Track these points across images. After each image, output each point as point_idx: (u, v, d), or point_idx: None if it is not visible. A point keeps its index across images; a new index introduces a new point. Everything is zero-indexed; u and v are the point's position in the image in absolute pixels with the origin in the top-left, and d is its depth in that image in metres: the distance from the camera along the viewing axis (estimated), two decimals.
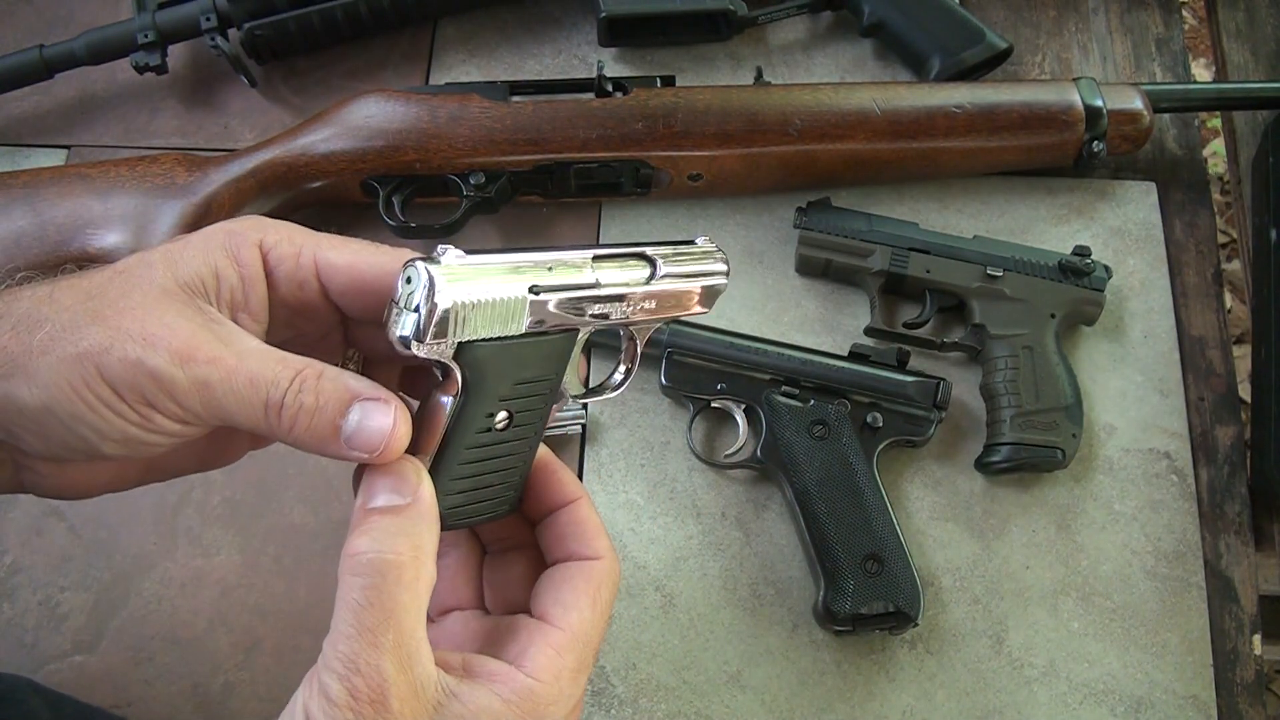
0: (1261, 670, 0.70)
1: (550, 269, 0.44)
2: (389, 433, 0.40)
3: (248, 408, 0.39)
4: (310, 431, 0.40)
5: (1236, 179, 0.89)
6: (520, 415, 0.45)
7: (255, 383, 0.39)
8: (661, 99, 0.76)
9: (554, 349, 0.45)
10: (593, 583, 0.44)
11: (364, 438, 0.40)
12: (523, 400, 0.44)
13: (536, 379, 0.45)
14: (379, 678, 0.37)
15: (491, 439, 0.44)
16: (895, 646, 0.70)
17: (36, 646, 0.69)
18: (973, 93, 0.78)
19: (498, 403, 0.44)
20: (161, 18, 0.81)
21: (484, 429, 0.44)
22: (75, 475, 0.44)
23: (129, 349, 0.38)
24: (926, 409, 0.72)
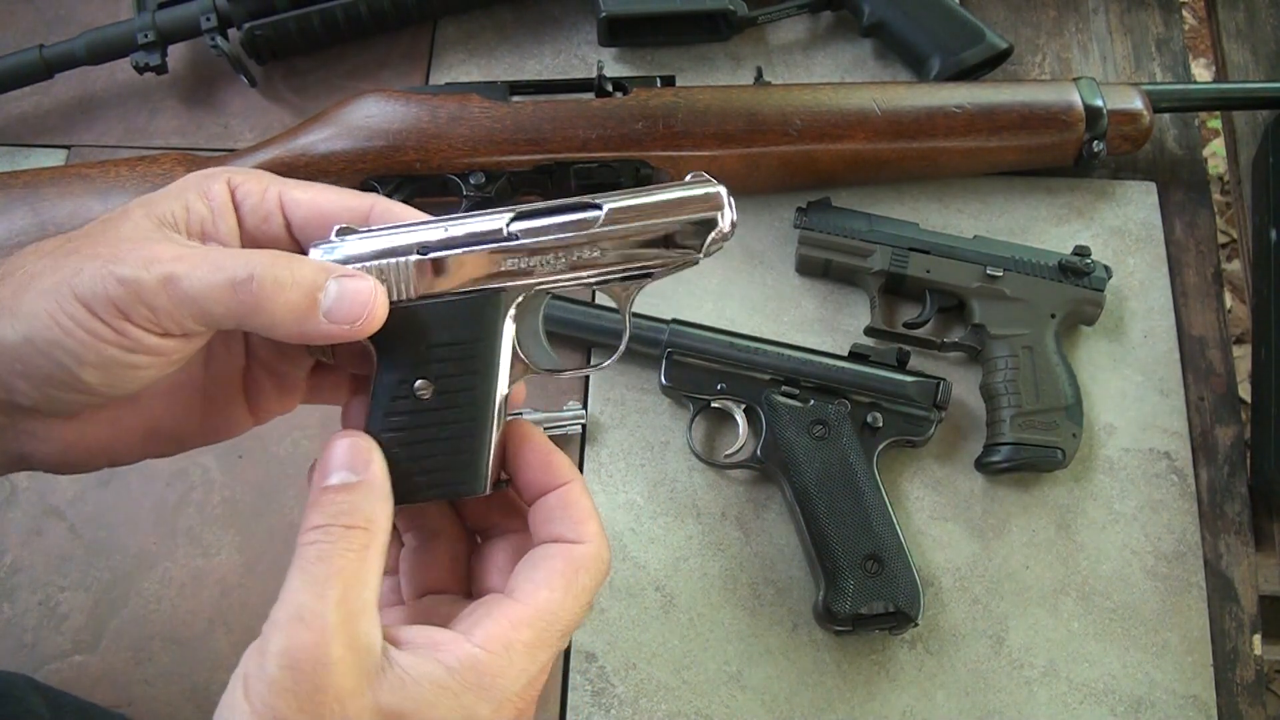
0: (1261, 670, 0.70)
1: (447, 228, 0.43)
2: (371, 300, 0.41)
3: (216, 291, 0.39)
4: (287, 307, 0.40)
5: (1236, 179, 0.89)
6: (447, 382, 0.43)
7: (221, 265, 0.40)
8: (661, 99, 0.76)
9: (469, 310, 0.43)
10: (570, 564, 0.43)
11: (345, 307, 0.40)
12: (445, 365, 0.43)
13: (455, 343, 0.43)
14: (321, 627, 0.36)
15: (415, 406, 0.43)
16: (895, 646, 0.70)
17: (36, 646, 0.69)
18: (973, 93, 0.78)
19: (411, 369, 0.43)
20: (161, 18, 0.81)
21: (402, 396, 0.43)
22: (70, 436, 0.43)
23: (99, 266, 0.39)
24: (926, 409, 0.72)
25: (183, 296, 0.39)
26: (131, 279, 0.39)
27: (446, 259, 0.43)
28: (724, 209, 0.44)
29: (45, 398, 0.41)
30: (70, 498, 0.73)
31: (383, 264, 0.42)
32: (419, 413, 0.43)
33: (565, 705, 0.68)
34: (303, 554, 0.39)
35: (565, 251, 0.43)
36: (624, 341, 0.48)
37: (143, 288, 0.39)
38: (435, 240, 0.43)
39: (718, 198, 0.44)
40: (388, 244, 0.43)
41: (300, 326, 0.40)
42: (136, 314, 0.39)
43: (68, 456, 0.44)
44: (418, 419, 0.43)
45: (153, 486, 0.74)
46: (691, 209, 0.44)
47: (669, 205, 0.44)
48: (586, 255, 0.43)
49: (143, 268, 0.39)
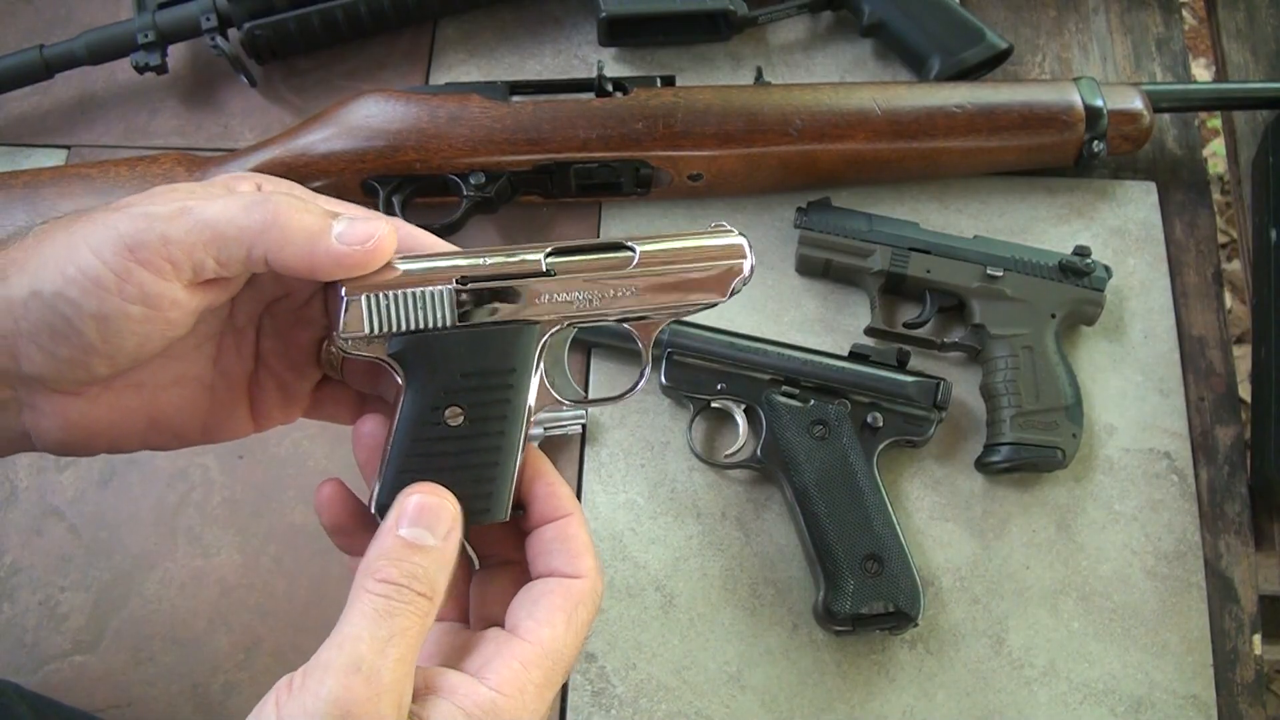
0: (1261, 670, 0.70)
1: (488, 260, 0.44)
2: (381, 228, 0.42)
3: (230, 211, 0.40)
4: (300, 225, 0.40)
5: (1236, 179, 0.89)
6: (478, 411, 0.44)
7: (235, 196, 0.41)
8: (661, 99, 0.76)
9: (504, 341, 0.45)
10: (570, 600, 0.44)
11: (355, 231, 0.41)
12: (476, 395, 0.44)
13: (487, 372, 0.44)
14: (378, 683, 0.37)
15: (443, 434, 0.44)
16: (895, 646, 0.70)
17: (36, 646, 0.69)
18: (973, 93, 0.78)
19: (443, 396, 0.44)
20: (161, 18, 0.81)
21: (432, 423, 0.44)
22: (73, 414, 0.43)
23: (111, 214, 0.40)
24: (926, 409, 0.72)
25: (195, 221, 0.39)
26: (144, 212, 0.39)
27: (485, 289, 0.44)
28: (747, 258, 0.47)
29: (50, 361, 0.40)
30: (70, 498, 0.73)
31: (422, 291, 0.43)
32: (448, 440, 0.44)
33: (565, 705, 0.68)
34: (369, 602, 0.39)
35: (598, 289, 0.45)
36: (644, 374, 0.49)
37: (157, 217, 0.39)
38: (475, 271, 0.44)
39: (741, 248, 0.47)
40: (428, 271, 0.44)
41: (311, 246, 0.41)
42: (147, 248, 0.39)
43: (69, 436, 0.44)
44: (446, 445, 0.44)
45: (153, 486, 0.74)
46: (718, 257, 0.46)
47: (698, 253, 0.46)
48: (617, 294, 0.45)
49: (159, 203, 0.40)
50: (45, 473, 0.74)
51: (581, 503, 0.73)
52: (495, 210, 0.78)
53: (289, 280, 0.45)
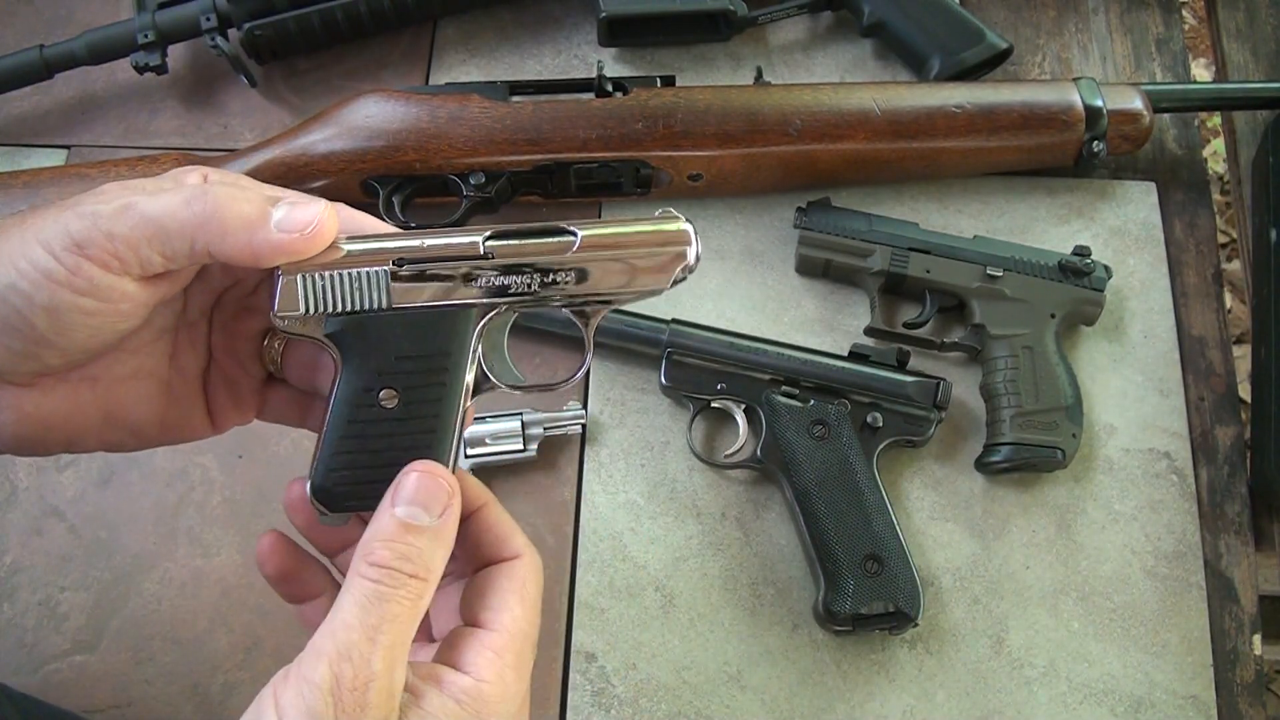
0: (1261, 670, 0.70)
1: (427, 242, 0.44)
2: (320, 213, 0.43)
3: (172, 206, 0.40)
4: (239, 216, 0.41)
5: (1236, 179, 0.89)
6: (412, 394, 0.44)
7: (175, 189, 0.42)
8: (661, 99, 0.76)
9: (440, 324, 0.44)
10: (516, 580, 0.45)
11: (295, 217, 0.42)
12: (411, 377, 0.44)
13: (422, 355, 0.44)
14: (367, 670, 0.38)
15: (378, 415, 0.44)
16: (895, 646, 0.70)
17: (36, 646, 0.69)
18: (973, 93, 0.78)
19: (377, 378, 0.44)
20: (161, 18, 0.81)
21: (367, 404, 0.44)
22: (28, 407, 0.43)
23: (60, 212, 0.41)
24: (926, 409, 0.72)
25: (139, 218, 0.40)
26: (91, 210, 0.40)
27: (423, 271, 0.44)
28: (691, 245, 0.46)
29: (4, 353, 0.41)
30: (70, 498, 0.73)
31: (358, 272, 0.44)
32: (382, 421, 0.44)
33: (565, 705, 0.68)
34: (360, 587, 0.40)
35: (539, 274, 0.45)
36: (586, 363, 0.49)
37: (101, 216, 0.40)
38: (412, 253, 0.44)
39: (686, 235, 0.46)
40: (365, 253, 0.44)
41: (250, 236, 0.41)
42: (94, 245, 0.40)
43: (24, 429, 0.44)
44: (380, 428, 0.44)
45: (153, 486, 0.74)
46: (663, 243, 0.45)
47: (642, 238, 0.45)
48: (557, 278, 0.45)
49: (102, 201, 0.41)
50: (45, 473, 0.74)
51: (581, 503, 0.73)
52: (495, 210, 0.78)
53: (236, 269, 0.45)
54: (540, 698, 0.68)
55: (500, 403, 0.75)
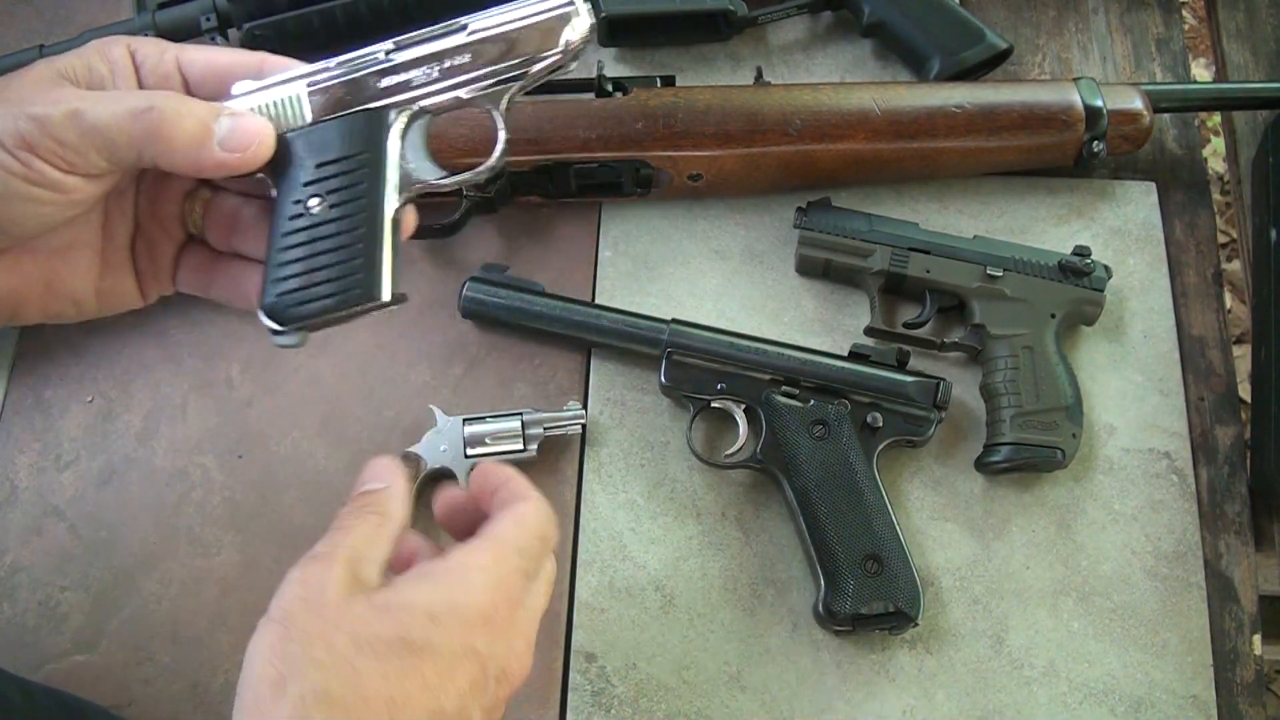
0: (1261, 670, 0.70)
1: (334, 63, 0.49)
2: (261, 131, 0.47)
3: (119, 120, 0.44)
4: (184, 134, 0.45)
5: (1236, 179, 0.89)
6: (338, 195, 0.48)
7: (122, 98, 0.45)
8: (661, 99, 0.76)
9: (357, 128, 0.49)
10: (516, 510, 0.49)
11: (237, 137, 0.46)
12: (335, 180, 0.48)
13: (344, 158, 0.48)
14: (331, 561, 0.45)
15: (310, 222, 0.48)
16: (895, 646, 0.70)
17: (36, 646, 0.69)
18: (973, 93, 0.78)
19: (303, 188, 0.48)
20: (161, 18, 0.81)
21: (297, 215, 0.48)
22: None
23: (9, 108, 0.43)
24: (926, 409, 0.72)
25: (88, 127, 0.43)
26: (40, 115, 0.43)
27: (333, 84, 0.49)
28: (579, 10, 0.49)
29: None
30: (70, 497, 0.73)
31: (277, 100, 0.48)
32: (315, 226, 0.48)
33: (565, 705, 0.68)
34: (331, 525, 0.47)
35: (438, 63, 0.49)
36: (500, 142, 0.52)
37: (50, 122, 0.43)
38: (322, 74, 0.49)
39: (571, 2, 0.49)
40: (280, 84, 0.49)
41: (196, 153, 0.45)
42: (43, 148, 0.43)
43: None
44: (314, 232, 0.48)
45: (153, 486, 0.74)
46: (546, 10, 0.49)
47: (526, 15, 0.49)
48: (458, 63, 0.49)
49: (50, 105, 0.43)
50: (45, 472, 0.74)
51: (581, 503, 0.73)
52: (495, 210, 0.78)
53: None
54: (540, 698, 0.68)
55: (500, 403, 0.75)
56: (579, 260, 0.81)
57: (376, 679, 0.42)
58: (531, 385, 0.77)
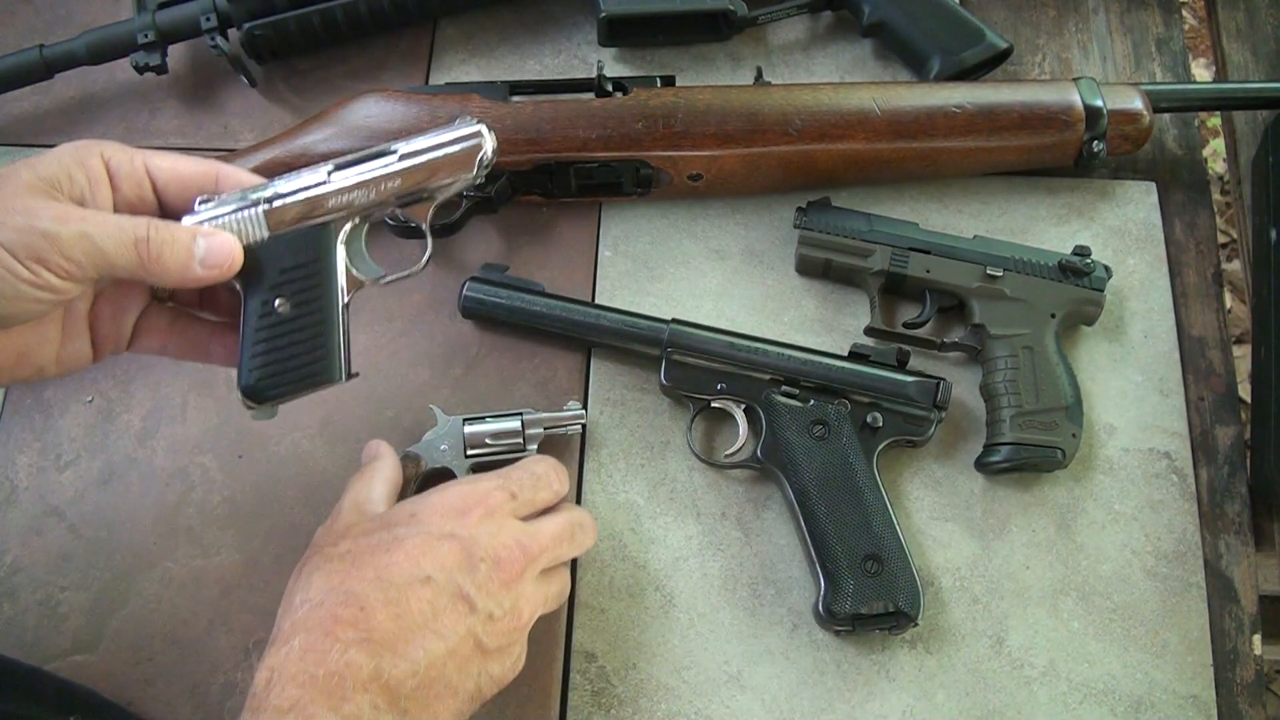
0: (1261, 670, 0.70)
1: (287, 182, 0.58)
2: (232, 248, 0.56)
3: (121, 247, 0.51)
4: (173, 258, 0.53)
5: (1236, 179, 0.89)
6: (299, 297, 0.57)
7: (123, 227, 0.52)
8: (661, 99, 0.76)
9: (309, 240, 0.58)
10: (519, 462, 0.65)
11: (214, 255, 0.55)
12: (295, 285, 0.57)
13: (299, 265, 0.57)
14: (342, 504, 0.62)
15: (277, 320, 0.57)
16: (895, 646, 0.70)
17: (36, 646, 0.69)
18: (973, 93, 0.78)
19: (271, 291, 0.57)
20: (161, 18, 0.81)
21: (266, 314, 0.57)
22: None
23: (18, 220, 0.49)
24: (926, 409, 0.72)
25: (94, 249, 0.51)
26: (52, 233, 0.50)
27: (286, 204, 0.57)
28: (485, 138, 0.59)
29: None
30: (70, 497, 0.73)
31: (239, 217, 0.57)
32: (281, 324, 0.57)
33: (565, 705, 0.68)
34: None
35: (373, 185, 0.58)
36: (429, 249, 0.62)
37: (61, 241, 0.50)
38: (276, 194, 0.57)
39: (480, 132, 0.59)
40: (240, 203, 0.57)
41: (182, 274, 0.54)
42: (52, 262, 0.50)
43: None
44: (281, 328, 0.57)
45: (153, 486, 0.74)
46: (461, 142, 0.59)
47: (445, 142, 0.59)
48: (389, 187, 0.58)
49: (60, 224, 0.50)
50: (45, 472, 0.74)
51: (582, 503, 0.73)
52: (495, 210, 0.78)
53: None
54: (540, 698, 0.68)
55: (501, 403, 0.75)
56: (579, 260, 0.81)
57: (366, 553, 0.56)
58: (532, 385, 0.77)
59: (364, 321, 0.75)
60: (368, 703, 0.50)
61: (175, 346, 0.61)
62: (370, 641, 0.52)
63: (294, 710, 0.49)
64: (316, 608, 0.53)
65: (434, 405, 0.73)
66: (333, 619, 0.53)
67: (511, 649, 0.59)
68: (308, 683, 0.50)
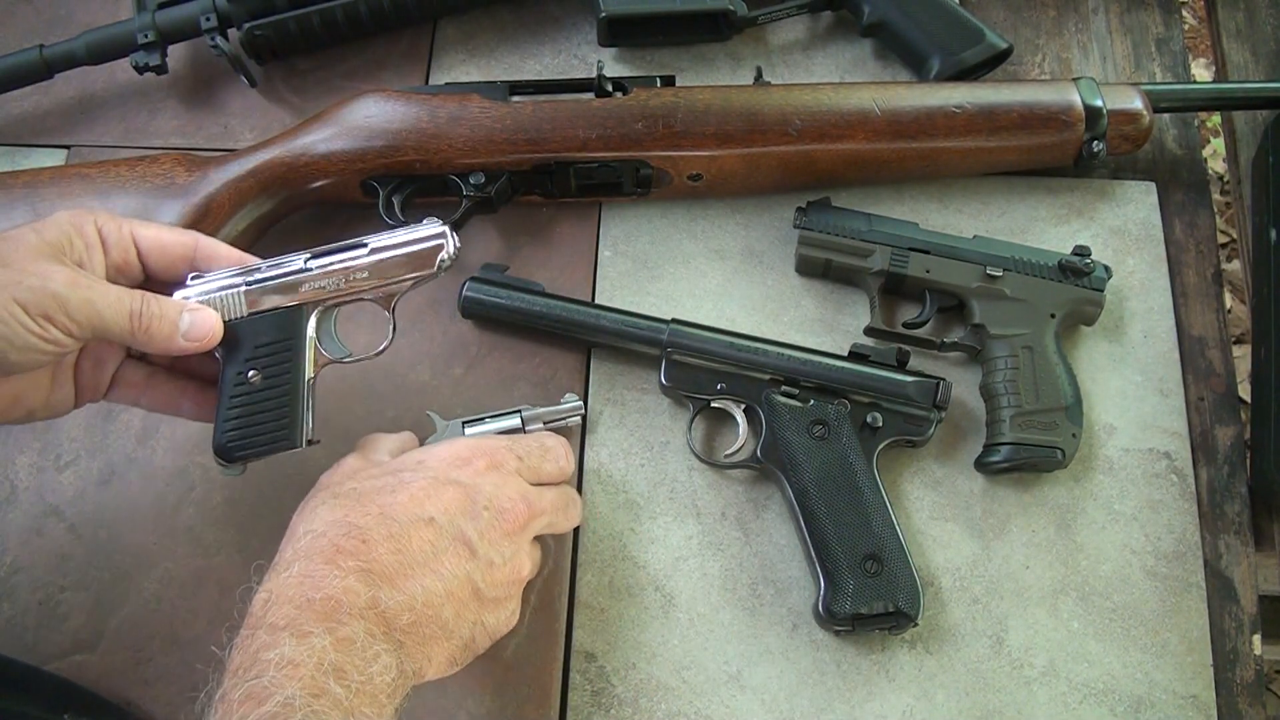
0: (1261, 670, 0.70)
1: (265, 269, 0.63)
2: (213, 324, 0.61)
3: (118, 317, 0.57)
4: (160, 331, 0.59)
5: (1236, 179, 0.89)
6: (270, 370, 0.63)
7: (121, 299, 0.58)
8: (661, 99, 0.76)
9: (283, 320, 0.63)
10: None
11: (196, 330, 0.60)
12: (268, 360, 0.63)
13: (273, 343, 0.63)
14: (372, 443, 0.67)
15: (249, 389, 0.63)
16: (895, 646, 0.70)
17: (36, 646, 0.69)
18: (973, 93, 0.78)
19: (246, 363, 0.63)
20: (161, 18, 0.81)
21: (241, 383, 0.63)
22: None
23: (33, 280, 0.55)
24: (926, 409, 0.72)
25: (95, 315, 0.56)
26: (63, 295, 0.55)
27: (265, 287, 0.63)
28: (448, 240, 0.64)
29: None
30: (70, 497, 0.73)
31: (223, 295, 0.63)
32: (252, 393, 0.63)
33: (565, 705, 0.68)
34: None
35: (344, 275, 0.64)
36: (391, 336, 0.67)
37: (70, 304, 0.55)
38: (257, 277, 0.63)
39: (444, 234, 0.64)
40: (224, 282, 0.63)
41: (167, 345, 0.60)
42: (59, 320, 0.55)
43: None
44: (253, 397, 0.63)
45: (153, 486, 0.74)
46: (425, 242, 0.64)
47: (411, 241, 0.64)
48: (358, 278, 0.64)
49: (70, 288, 0.55)
50: (45, 472, 0.74)
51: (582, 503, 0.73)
52: (495, 210, 0.78)
53: None
54: (540, 698, 0.68)
55: (501, 402, 0.75)
56: (579, 260, 0.81)
57: (371, 493, 0.59)
58: (532, 385, 0.77)
59: (366, 323, 0.75)
60: (363, 629, 0.52)
61: (148, 400, 0.65)
62: (370, 572, 0.54)
63: (289, 628, 0.51)
64: (319, 538, 0.56)
65: (431, 411, 0.73)
66: (334, 548, 0.55)
67: (508, 602, 0.61)
68: (304, 605, 0.52)
